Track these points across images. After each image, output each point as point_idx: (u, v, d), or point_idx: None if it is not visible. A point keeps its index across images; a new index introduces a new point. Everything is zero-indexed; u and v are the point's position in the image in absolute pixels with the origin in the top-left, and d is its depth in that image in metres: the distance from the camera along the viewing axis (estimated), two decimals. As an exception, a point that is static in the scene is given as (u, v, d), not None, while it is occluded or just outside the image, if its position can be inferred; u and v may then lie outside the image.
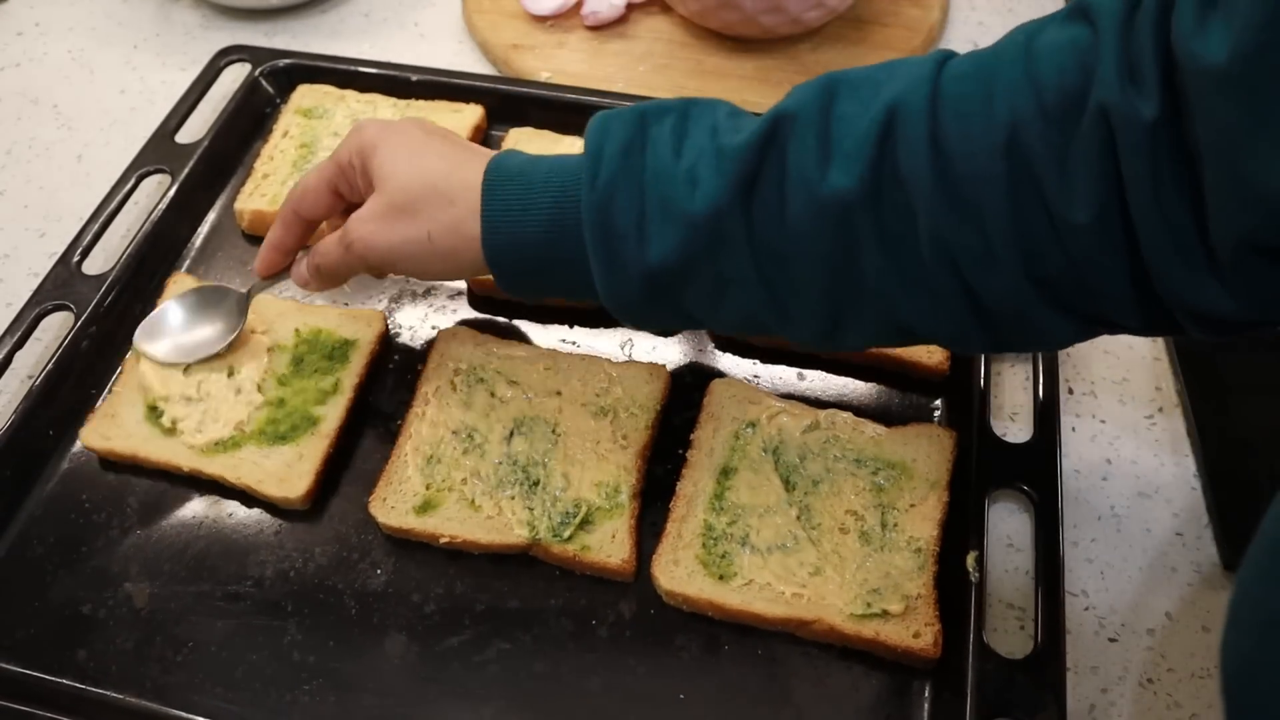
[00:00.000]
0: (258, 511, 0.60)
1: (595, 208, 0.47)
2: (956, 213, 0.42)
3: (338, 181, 0.57)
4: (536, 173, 0.50)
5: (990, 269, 0.42)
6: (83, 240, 0.69)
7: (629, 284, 0.49)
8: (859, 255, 0.44)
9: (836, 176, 0.43)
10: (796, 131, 0.44)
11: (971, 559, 0.55)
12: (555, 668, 0.54)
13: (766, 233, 0.45)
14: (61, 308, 0.66)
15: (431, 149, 0.54)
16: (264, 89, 0.81)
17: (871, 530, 0.57)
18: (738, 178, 0.45)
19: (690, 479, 0.59)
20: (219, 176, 0.76)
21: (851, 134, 0.43)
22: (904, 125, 0.42)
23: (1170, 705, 0.53)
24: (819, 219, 0.44)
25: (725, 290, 0.48)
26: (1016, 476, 0.58)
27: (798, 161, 0.44)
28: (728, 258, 0.46)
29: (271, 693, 0.54)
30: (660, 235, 0.47)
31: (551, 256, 0.50)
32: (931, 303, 0.45)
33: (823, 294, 0.46)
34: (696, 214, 0.46)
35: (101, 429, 0.61)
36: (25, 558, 0.59)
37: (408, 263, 0.54)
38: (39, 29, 0.93)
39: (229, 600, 0.57)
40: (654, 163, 0.47)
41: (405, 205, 0.53)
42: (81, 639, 0.56)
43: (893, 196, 0.43)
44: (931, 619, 0.53)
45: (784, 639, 0.55)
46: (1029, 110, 0.40)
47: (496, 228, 0.50)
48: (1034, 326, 0.44)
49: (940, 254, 0.43)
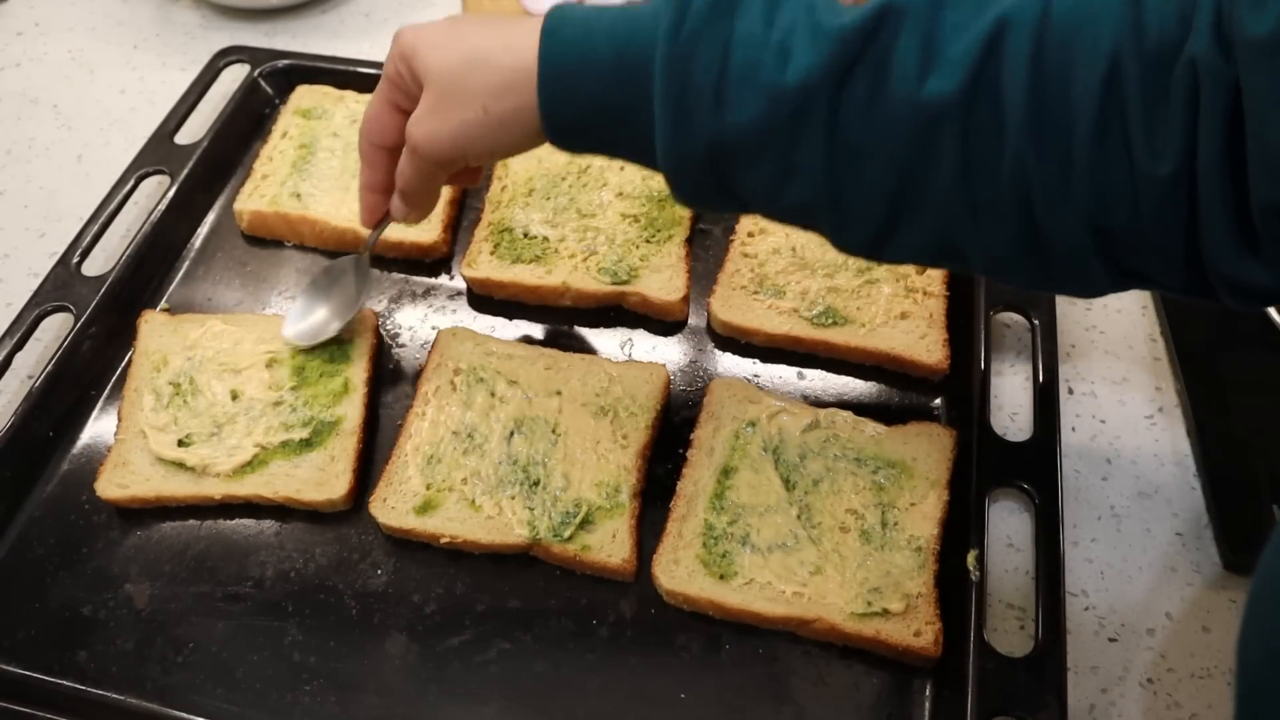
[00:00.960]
0: (256, 510, 0.60)
1: (673, 59, 0.44)
2: (1043, 141, 0.41)
3: (395, 98, 0.54)
4: (604, 19, 0.47)
5: (1061, 208, 0.42)
6: (82, 241, 0.69)
7: (693, 147, 0.46)
8: (937, 166, 0.43)
9: (935, 82, 0.42)
10: (906, 27, 0.43)
11: (972, 558, 0.55)
12: (556, 668, 0.54)
13: (849, 124, 0.43)
14: (61, 309, 0.66)
15: (470, 27, 0.51)
16: (263, 89, 0.81)
17: (872, 529, 0.57)
18: (835, 59, 0.43)
19: (690, 478, 0.59)
20: (218, 177, 0.76)
21: (958, 41, 0.42)
22: (1010, 41, 0.41)
23: (1170, 705, 0.53)
24: (907, 121, 0.43)
25: (791, 178, 0.45)
26: (1017, 475, 0.58)
27: (901, 58, 0.42)
28: (804, 142, 0.44)
29: (272, 693, 0.54)
30: (740, 102, 0.44)
31: (613, 107, 0.47)
32: (994, 226, 0.44)
33: (887, 198, 0.45)
34: (785, 86, 0.43)
35: (117, 479, 0.60)
36: (25, 559, 0.59)
37: (472, 143, 0.51)
38: (39, 29, 0.93)
39: (229, 601, 0.57)
40: (745, 26, 0.44)
41: (453, 87, 0.50)
42: (82, 640, 0.56)
43: (985, 113, 0.42)
44: (932, 618, 0.53)
45: (785, 638, 0.55)
46: (1130, 51, 0.39)
47: (555, 73, 0.47)
48: (1080, 272, 0.44)
49: (1017, 182, 0.42)
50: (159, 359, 0.65)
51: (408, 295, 0.71)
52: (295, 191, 0.73)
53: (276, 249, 0.74)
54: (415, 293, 0.71)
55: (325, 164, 0.75)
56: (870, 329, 0.65)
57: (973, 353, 0.64)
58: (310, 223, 0.72)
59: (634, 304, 0.69)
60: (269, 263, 0.73)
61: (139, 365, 0.65)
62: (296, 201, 0.73)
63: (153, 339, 0.66)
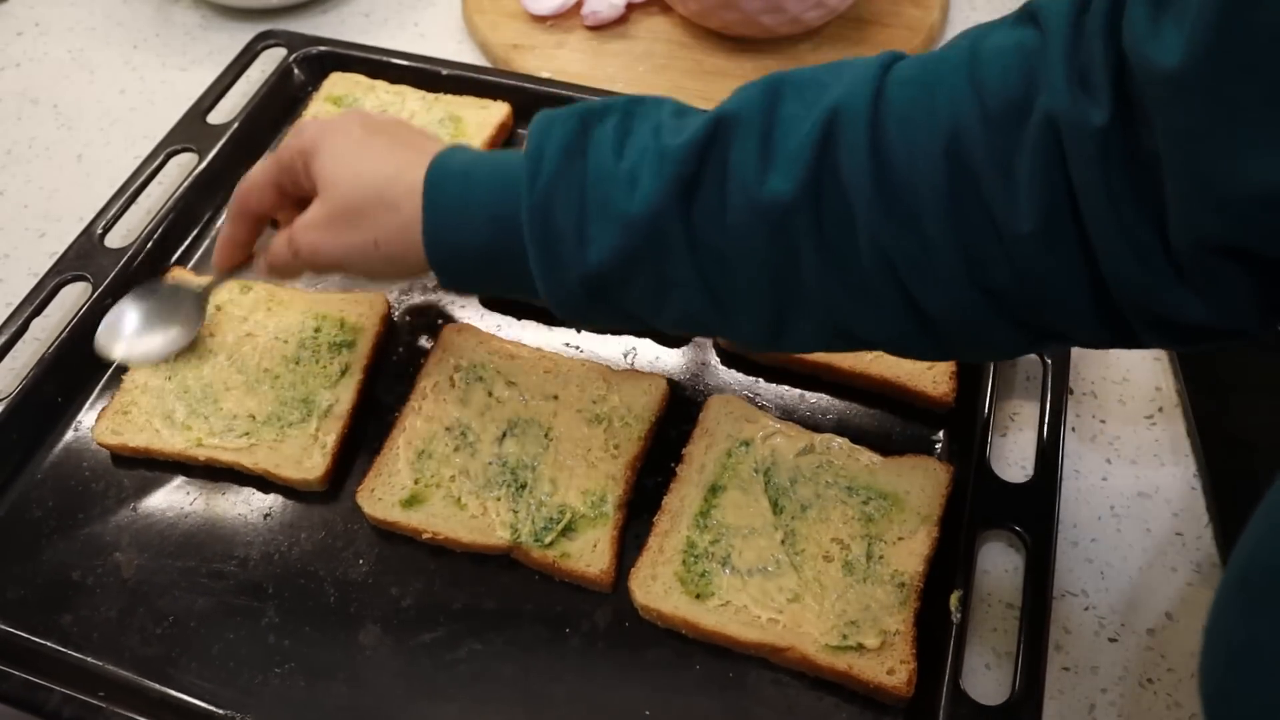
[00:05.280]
0: (250, 491, 0.61)
1: (535, 208, 0.47)
2: (895, 220, 0.41)
3: (281, 179, 0.56)
4: (479, 171, 0.50)
5: (931, 278, 0.41)
6: (108, 213, 0.71)
7: (569, 284, 0.48)
8: (799, 260, 0.43)
9: (776, 181, 0.42)
10: (738, 133, 0.44)
11: (955, 599, 0.54)
12: (524, 672, 0.54)
13: (707, 235, 0.44)
14: (80, 278, 0.68)
15: (374, 150, 0.53)
16: (297, 75, 0.82)
17: (856, 560, 0.55)
18: (677, 179, 0.44)
19: (677, 493, 0.59)
20: (246, 158, 0.77)
21: (793, 137, 0.42)
22: (845, 129, 0.41)
23: (1170, 705, 0.53)
24: (759, 223, 0.43)
25: (667, 292, 0.47)
26: (1011, 518, 0.56)
27: (738, 164, 0.43)
28: (668, 260, 0.45)
29: (244, 672, 0.54)
30: (600, 237, 0.46)
31: (493, 256, 0.49)
32: (872, 308, 0.44)
33: (763, 297, 0.45)
34: (635, 215, 0.45)
35: (113, 425, 0.62)
36: (23, 520, 0.60)
37: (355, 268, 0.54)
38: (39, 29, 0.94)
39: (212, 578, 0.58)
40: (595, 163, 0.46)
41: (349, 213, 0.52)
42: (67, 604, 0.57)
43: (832, 202, 0.42)
44: (907, 656, 0.52)
45: (756, 663, 0.54)
46: (972, 116, 0.39)
47: (437, 228, 0.50)
48: (980, 337, 0.43)
49: (880, 261, 0.42)
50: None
51: (419, 286, 0.71)
52: (318, 177, 0.74)
53: (296, 233, 0.74)
54: (426, 285, 0.71)
55: (351, 152, 0.76)
56: (877, 355, 0.64)
57: (980, 388, 0.63)
58: (329, 209, 0.72)
59: (641, 313, 0.68)
60: (287, 246, 0.74)
61: None
62: (318, 187, 0.73)
63: None
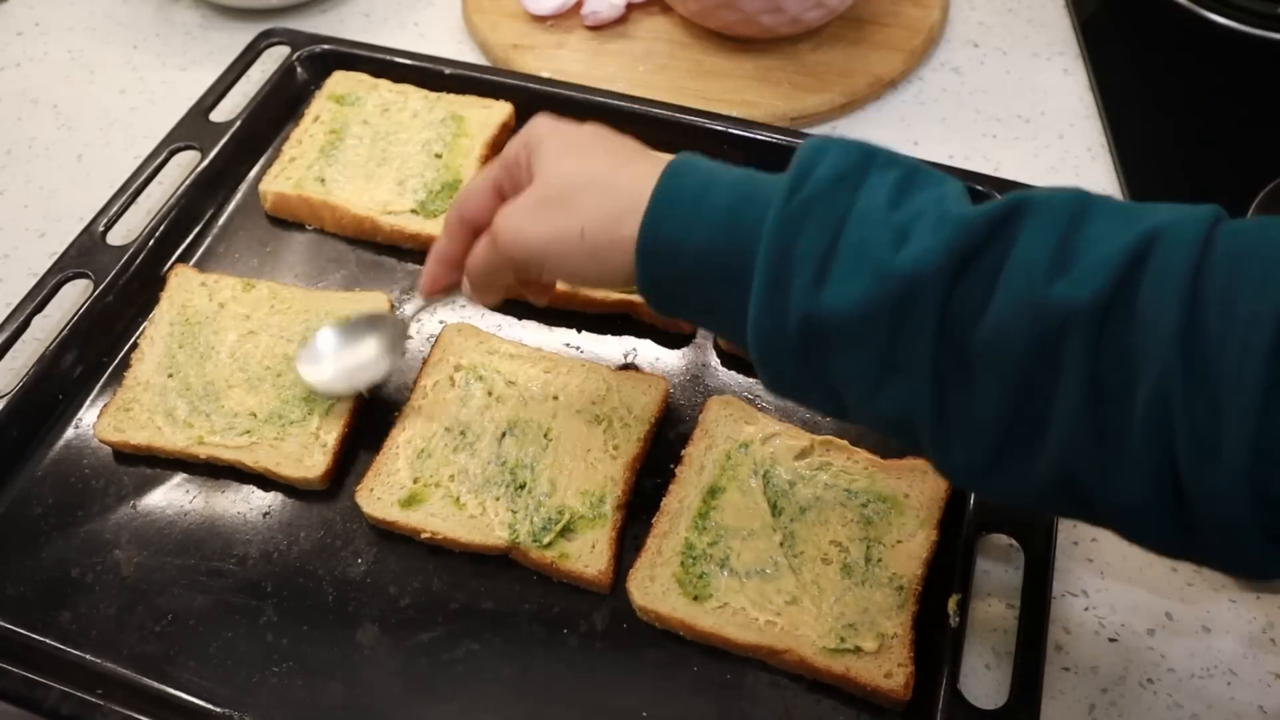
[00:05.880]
0: (250, 489, 0.61)
1: (784, 221, 0.41)
2: (1195, 376, 0.35)
3: (503, 180, 0.52)
4: (726, 174, 0.45)
5: (1211, 460, 0.35)
6: (110, 210, 0.71)
7: (785, 322, 0.42)
8: (1056, 386, 0.38)
9: (1066, 286, 0.37)
10: (1035, 223, 0.38)
11: (953, 602, 0.53)
12: (522, 672, 0.54)
13: (962, 321, 0.39)
14: (81, 275, 0.68)
15: (600, 146, 0.50)
16: (300, 73, 0.82)
17: (854, 563, 0.55)
18: (955, 245, 0.38)
19: (676, 495, 0.59)
20: (249, 156, 0.77)
21: (1099, 249, 0.37)
22: (1164, 254, 0.36)
23: (1170, 705, 0.53)
24: (1027, 329, 0.37)
25: (890, 375, 0.41)
26: (1010, 522, 0.56)
27: (1027, 253, 0.38)
28: (908, 334, 0.39)
29: (242, 671, 0.54)
30: (844, 279, 0.40)
31: (709, 265, 0.44)
32: (1125, 469, 0.37)
33: (999, 418, 0.39)
34: (893, 270, 0.39)
35: (115, 422, 0.62)
36: (24, 517, 0.60)
37: (556, 260, 0.49)
38: (39, 29, 0.94)
39: (211, 576, 0.58)
40: (865, 202, 0.41)
41: (560, 196, 0.48)
42: (67, 601, 0.57)
43: (1124, 329, 0.36)
44: (905, 660, 0.52)
45: (754, 665, 0.54)
46: None
47: (660, 218, 0.44)
48: (1236, 547, 0.36)
49: (1156, 416, 0.35)
50: (182, 312, 0.67)
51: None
52: (320, 176, 0.74)
53: (298, 231, 0.74)
54: (427, 285, 0.71)
55: (353, 150, 0.76)
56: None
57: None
58: (331, 208, 0.72)
59: (643, 313, 0.68)
60: (287, 245, 0.73)
61: (161, 316, 0.67)
62: (320, 186, 0.74)
63: (180, 292, 0.68)
